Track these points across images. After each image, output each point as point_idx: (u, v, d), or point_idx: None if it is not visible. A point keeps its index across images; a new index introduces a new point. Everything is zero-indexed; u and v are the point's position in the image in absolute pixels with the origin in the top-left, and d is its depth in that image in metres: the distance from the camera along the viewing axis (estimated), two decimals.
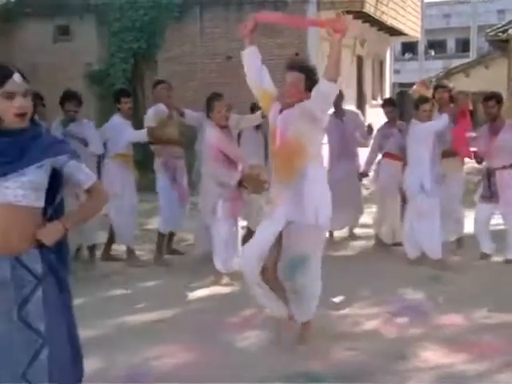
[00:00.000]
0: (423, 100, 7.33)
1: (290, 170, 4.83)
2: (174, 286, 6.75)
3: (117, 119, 7.65)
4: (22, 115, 2.94)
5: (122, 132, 7.50)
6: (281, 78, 4.93)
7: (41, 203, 3.06)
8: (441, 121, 7.14)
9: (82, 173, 3.14)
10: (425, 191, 7.10)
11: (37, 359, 2.95)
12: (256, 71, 5.09)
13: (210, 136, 6.69)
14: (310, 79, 4.81)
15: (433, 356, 4.81)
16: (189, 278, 6.91)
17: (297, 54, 15.43)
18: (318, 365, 4.64)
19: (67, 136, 6.85)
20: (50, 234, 3.02)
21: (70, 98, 7.33)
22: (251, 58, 5.14)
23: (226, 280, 6.76)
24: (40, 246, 3.02)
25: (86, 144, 7.20)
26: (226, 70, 15.45)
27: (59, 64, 16.14)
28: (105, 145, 7.56)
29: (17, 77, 2.94)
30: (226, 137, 6.72)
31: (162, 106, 7.62)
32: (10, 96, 2.91)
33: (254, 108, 8.09)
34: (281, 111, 4.89)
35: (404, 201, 7.70)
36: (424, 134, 7.13)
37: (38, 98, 6.54)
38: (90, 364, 3.38)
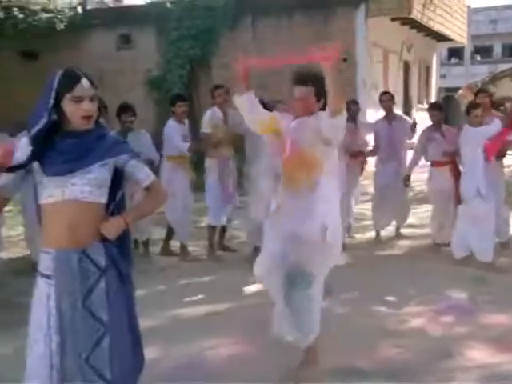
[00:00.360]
0: (474, 105, 7.15)
1: (299, 181, 4.38)
2: (228, 280, 6.70)
3: (170, 123, 7.66)
4: (88, 118, 2.98)
5: (172, 136, 7.54)
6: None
7: (104, 199, 3.09)
8: (494, 126, 6.95)
9: (141, 171, 3.17)
10: (481, 196, 6.92)
11: (99, 346, 2.99)
12: (256, 111, 4.57)
13: None
14: (320, 90, 4.30)
15: (479, 355, 4.65)
16: (242, 273, 6.85)
17: (345, 60, 15.34)
18: (365, 362, 4.52)
19: None
20: (113, 228, 3.06)
21: (125, 109, 7.43)
22: (251, 102, 4.54)
23: None
24: (103, 239, 3.06)
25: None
26: (277, 73, 15.41)
27: (121, 70, 16.36)
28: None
29: (85, 82, 2.98)
30: None
31: (217, 111, 7.61)
32: (78, 100, 2.94)
33: None
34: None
35: (458, 202, 7.56)
36: (478, 138, 6.94)
37: (102, 105, 6.66)
38: (147, 353, 3.35)
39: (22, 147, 3.02)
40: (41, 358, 2.98)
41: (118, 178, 3.16)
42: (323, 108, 4.26)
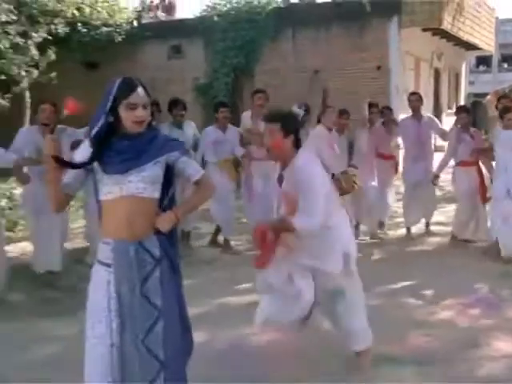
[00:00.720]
0: (507, 110, 7.02)
1: None
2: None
3: (209, 128, 7.81)
4: (139, 123, 3.01)
5: (204, 141, 7.70)
6: (362, 86, 4.68)
7: (157, 195, 3.12)
8: None
9: (191, 167, 3.19)
10: (510, 196, 6.82)
11: (154, 329, 3.04)
12: None
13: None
14: (286, 126, 4.02)
15: (504, 345, 4.56)
16: None
17: (378, 68, 15.22)
18: (396, 349, 4.48)
19: None
20: (166, 222, 3.09)
21: (176, 103, 7.49)
22: None
23: None
24: (157, 232, 3.09)
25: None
26: (314, 82, 15.38)
27: (172, 78, 16.44)
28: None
29: (140, 91, 3.00)
30: None
31: (248, 114, 7.72)
32: (133, 107, 2.97)
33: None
34: (280, 176, 4.16)
35: (484, 201, 7.44)
36: (510, 141, 6.82)
37: (155, 105, 6.82)
38: (195, 337, 3.39)
39: (84, 148, 3.07)
40: (102, 336, 3.03)
41: (169, 175, 3.17)
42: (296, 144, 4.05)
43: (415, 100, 8.27)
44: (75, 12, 12.42)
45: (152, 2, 18.38)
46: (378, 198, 8.06)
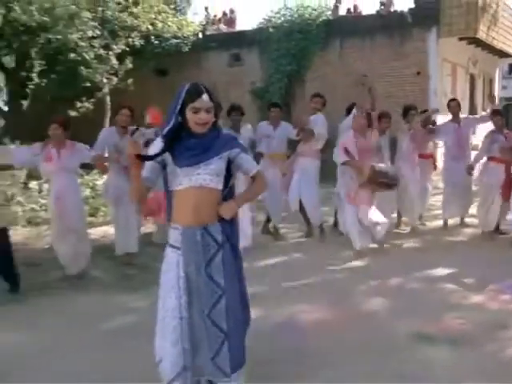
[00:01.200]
0: None
1: None
2: (319, 257, 6.68)
3: (262, 123, 7.80)
4: (202, 125, 3.05)
5: (257, 134, 7.65)
6: (403, 90, 4.58)
7: (221, 186, 3.16)
8: None
9: (249, 163, 3.24)
10: None
11: (218, 305, 3.09)
12: None
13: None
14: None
15: None
16: (331, 251, 6.85)
17: (418, 73, 14.95)
18: (433, 329, 4.42)
19: None
20: (228, 210, 3.14)
21: (234, 109, 7.44)
22: None
23: (360, 255, 6.58)
24: (221, 219, 3.13)
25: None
26: (361, 86, 15.17)
27: (232, 82, 16.50)
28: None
29: (205, 97, 3.04)
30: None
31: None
32: (197, 111, 3.02)
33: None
34: None
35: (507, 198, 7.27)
36: None
37: (219, 108, 6.83)
38: (253, 313, 3.49)
39: (156, 144, 3.12)
40: (173, 310, 3.10)
41: (229, 168, 3.21)
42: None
43: (455, 106, 8.15)
44: (149, 27, 12.62)
45: (215, 16, 18.47)
46: (419, 193, 7.92)
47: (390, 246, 7.08)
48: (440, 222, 8.41)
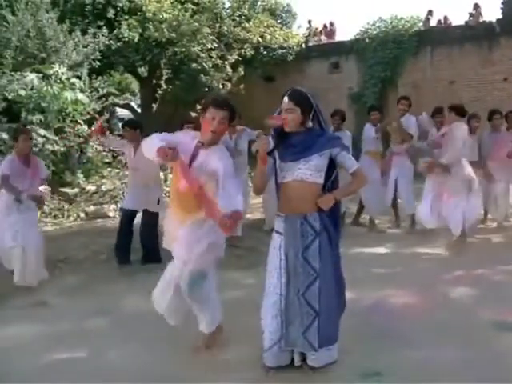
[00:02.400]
0: None
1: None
2: (409, 247, 6.44)
3: (366, 126, 7.56)
4: (286, 124, 3.12)
5: (365, 135, 7.49)
6: (490, 95, 4.24)
7: (321, 180, 3.19)
8: None
9: (349, 161, 3.22)
10: None
11: (312, 286, 3.11)
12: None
13: None
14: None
15: None
16: (423, 241, 6.56)
17: (505, 79, 14.00)
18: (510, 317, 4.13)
19: None
20: (326, 202, 3.15)
21: (336, 113, 7.31)
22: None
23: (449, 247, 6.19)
24: (319, 210, 3.15)
25: None
26: (449, 91, 14.48)
27: (331, 88, 16.26)
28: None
29: (285, 99, 3.10)
30: None
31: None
32: (282, 111, 3.13)
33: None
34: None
35: None
36: None
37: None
38: (347, 295, 3.49)
39: (271, 141, 3.19)
40: (274, 287, 3.18)
41: (332, 164, 3.21)
42: None
43: None
44: (259, 39, 12.74)
45: (317, 28, 18.28)
46: (505, 192, 7.37)
47: (477, 239, 6.68)
48: None
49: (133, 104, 18.94)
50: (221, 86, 12.63)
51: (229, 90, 12.98)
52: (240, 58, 13.07)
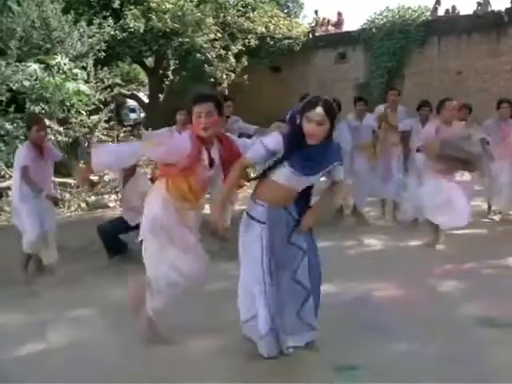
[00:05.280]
0: None
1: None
2: (398, 239, 6.30)
3: (349, 116, 7.13)
4: (311, 136, 2.98)
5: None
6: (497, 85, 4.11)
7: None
8: None
9: (340, 173, 3.21)
10: None
11: (301, 265, 3.18)
12: None
13: None
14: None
15: None
16: (413, 233, 6.44)
17: None
18: (498, 312, 4.01)
19: None
20: (312, 221, 3.20)
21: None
22: None
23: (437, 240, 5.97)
24: (296, 201, 3.19)
25: None
26: (457, 81, 14.28)
27: (337, 78, 16.20)
28: None
29: (319, 109, 2.92)
30: None
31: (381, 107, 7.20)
32: (309, 121, 2.94)
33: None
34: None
35: None
36: None
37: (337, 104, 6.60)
38: (329, 287, 3.62)
39: (276, 139, 3.09)
40: (257, 276, 3.14)
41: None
42: None
43: None
44: (263, 29, 12.62)
45: (324, 19, 18.10)
46: (509, 183, 7.14)
47: (472, 233, 6.55)
48: None
49: (141, 94, 18.95)
50: (224, 77, 12.54)
51: (232, 81, 12.88)
52: (244, 49, 12.93)
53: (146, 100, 17.51)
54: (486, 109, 7.25)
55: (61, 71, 9.66)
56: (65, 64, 9.64)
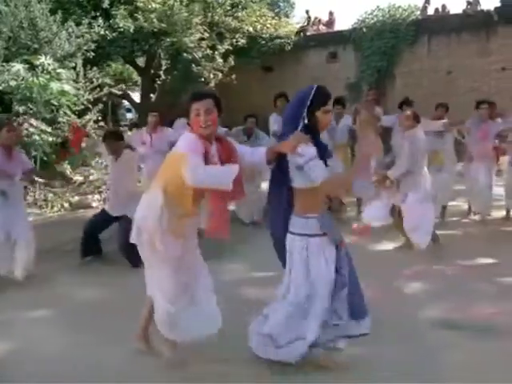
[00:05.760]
0: None
1: None
2: (372, 241, 6.19)
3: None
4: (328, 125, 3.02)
5: None
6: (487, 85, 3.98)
7: None
8: None
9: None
10: None
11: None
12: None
13: None
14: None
15: None
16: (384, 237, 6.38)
17: (503, 69, 13.69)
18: (460, 315, 4.00)
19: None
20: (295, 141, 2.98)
21: (337, 102, 6.98)
22: None
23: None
24: None
25: None
26: (447, 81, 14.23)
27: (328, 78, 16.02)
28: None
29: (331, 98, 2.98)
30: None
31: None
32: (327, 112, 2.94)
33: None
34: None
35: None
36: None
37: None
38: None
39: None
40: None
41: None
42: None
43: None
44: (250, 28, 12.54)
45: (316, 18, 18.04)
46: (488, 183, 7.10)
47: (450, 233, 6.49)
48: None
49: (135, 94, 18.89)
50: (212, 76, 12.49)
51: (219, 81, 12.83)
52: (231, 48, 12.85)
53: (139, 100, 17.46)
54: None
55: (45, 71, 9.61)
56: (49, 64, 9.58)
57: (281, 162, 3.01)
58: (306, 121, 2.89)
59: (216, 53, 12.07)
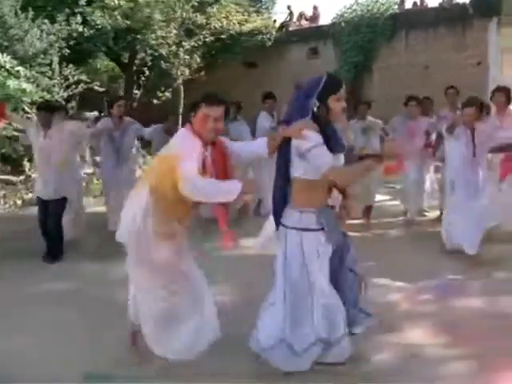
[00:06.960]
0: None
1: None
2: None
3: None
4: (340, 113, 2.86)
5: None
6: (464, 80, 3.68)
7: None
8: None
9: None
10: None
11: (349, 251, 3.12)
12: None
13: None
14: None
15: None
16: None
17: (479, 64, 13.27)
18: None
19: None
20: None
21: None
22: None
23: None
24: None
25: None
26: (424, 76, 13.87)
27: (309, 73, 15.59)
28: None
29: (343, 86, 2.83)
30: None
31: None
32: (339, 100, 2.81)
33: None
34: None
35: None
36: None
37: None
38: None
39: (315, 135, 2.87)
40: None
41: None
42: None
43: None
44: (216, 25, 12.33)
45: (300, 12, 17.76)
46: (417, 182, 6.86)
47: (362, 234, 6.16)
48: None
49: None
50: (179, 73, 12.31)
51: (188, 77, 12.64)
52: (196, 45, 12.55)
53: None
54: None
55: (2, 69, 9.56)
56: (5, 62, 9.53)
57: (284, 151, 2.89)
58: (315, 109, 2.78)
59: (181, 49, 11.88)
